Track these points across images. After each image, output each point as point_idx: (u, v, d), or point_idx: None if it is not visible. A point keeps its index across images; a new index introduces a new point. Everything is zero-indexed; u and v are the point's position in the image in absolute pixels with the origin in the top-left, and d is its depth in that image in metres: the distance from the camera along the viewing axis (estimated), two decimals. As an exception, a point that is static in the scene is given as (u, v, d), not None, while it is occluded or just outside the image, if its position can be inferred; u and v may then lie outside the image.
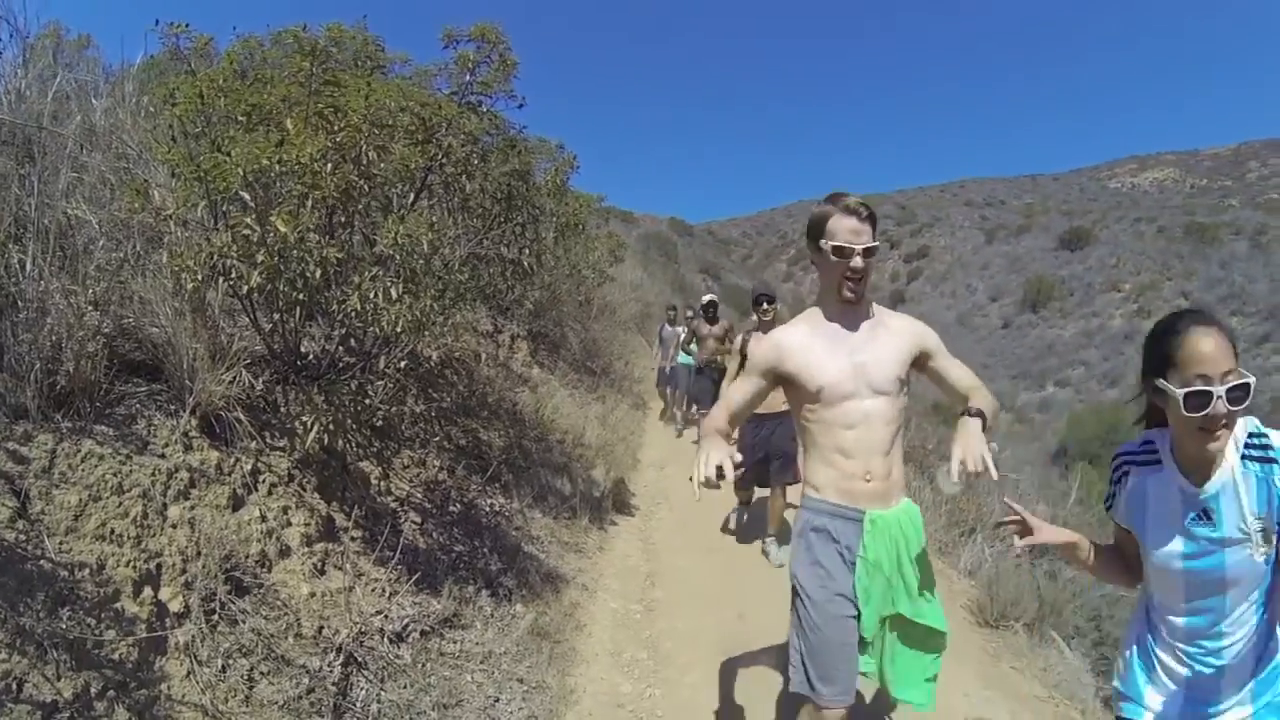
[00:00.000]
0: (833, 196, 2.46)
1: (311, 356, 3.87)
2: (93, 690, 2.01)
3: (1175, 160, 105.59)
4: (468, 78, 4.21)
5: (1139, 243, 38.25)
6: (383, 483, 4.13)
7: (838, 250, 2.39)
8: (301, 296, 3.20)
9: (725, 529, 6.37)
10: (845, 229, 2.39)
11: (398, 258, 3.34)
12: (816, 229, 2.47)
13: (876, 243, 2.45)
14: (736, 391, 2.63)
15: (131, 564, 2.35)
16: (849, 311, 2.49)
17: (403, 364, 4.04)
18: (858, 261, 2.38)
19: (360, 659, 2.98)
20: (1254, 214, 42.74)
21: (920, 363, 2.54)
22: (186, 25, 3.39)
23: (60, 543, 2.20)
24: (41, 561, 2.11)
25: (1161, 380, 1.69)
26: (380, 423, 4.05)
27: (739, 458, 2.18)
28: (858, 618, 2.47)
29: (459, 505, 4.65)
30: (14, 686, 1.85)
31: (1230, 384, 1.61)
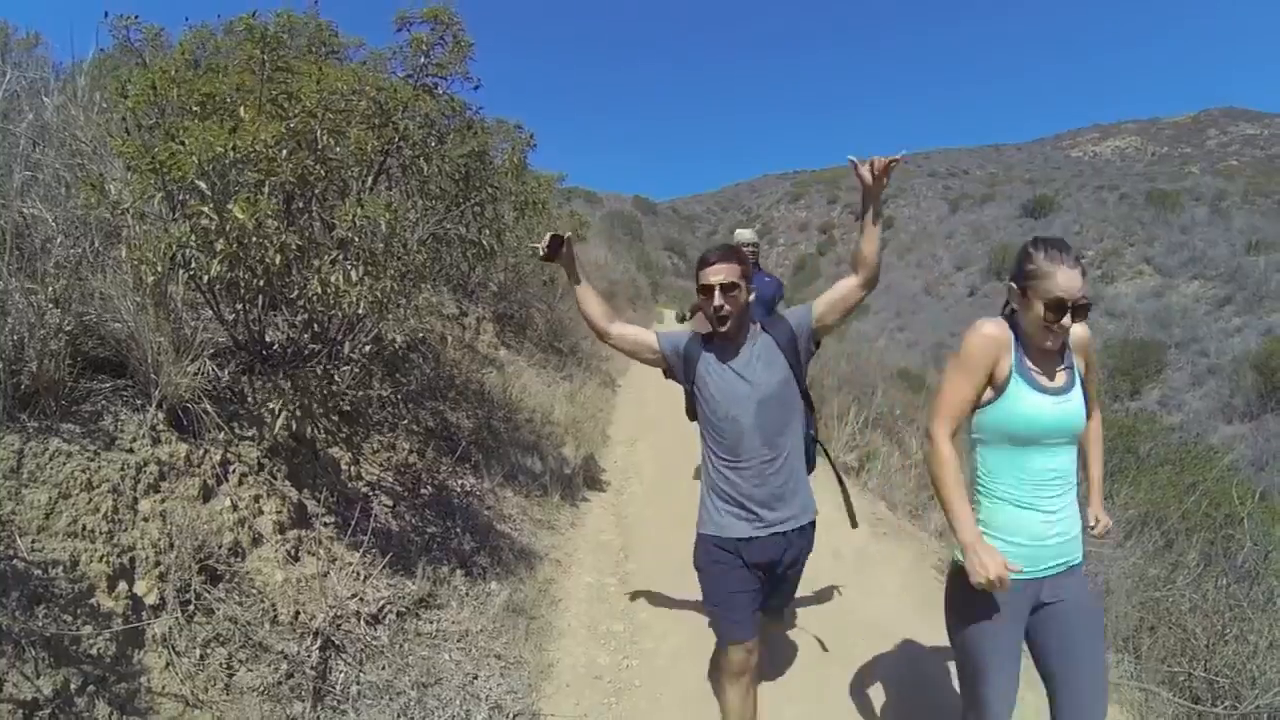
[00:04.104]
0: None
1: (276, 345, 3.87)
2: (73, 686, 2.04)
3: (1136, 129, 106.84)
4: (422, 60, 4.20)
5: (1102, 210, 38.66)
6: (353, 468, 4.15)
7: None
8: (262, 283, 3.20)
9: None
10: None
11: (357, 240, 3.34)
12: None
13: None
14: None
15: (105, 559, 2.36)
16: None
17: (367, 348, 4.05)
18: None
19: (338, 642, 3.03)
20: (1214, 180, 43.43)
21: None
22: (136, 17, 3.36)
23: (32, 541, 2.22)
24: (14, 561, 2.12)
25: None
26: (348, 408, 4.07)
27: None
28: None
29: (430, 487, 4.69)
30: (-7, 684, 1.88)
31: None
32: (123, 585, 2.39)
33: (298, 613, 2.96)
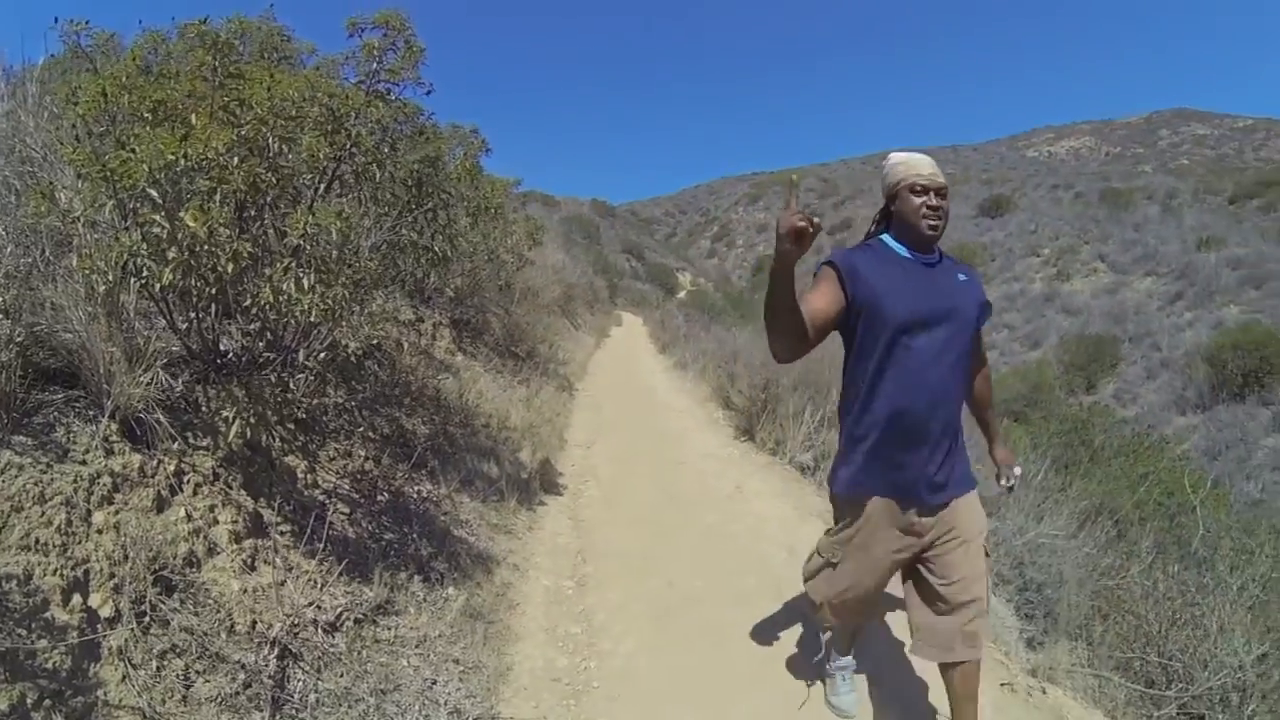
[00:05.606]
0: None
1: (231, 354, 3.86)
2: (29, 701, 2.03)
3: (1090, 129, 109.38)
4: (374, 66, 4.20)
5: (1057, 209, 39.55)
6: (309, 476, 4.14)
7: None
8: (215, 291, 3.19)
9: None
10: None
11: (309, 248, 3.35)
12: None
13: None
14: None
15: (59, 572, 2.36)
16: None
17: (322, 355, 4.05)
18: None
19: (295, 651, 3.03)
20: (1166, 179, 44.73)
21: None
22: (86, 22, 3.33)
23: (-16, 556, 2.21)
24: (-34, 576, 2.12)
25: None
26: (303, 415, 4.06)
27: None
28: None
29: (386, 494, 4.69)
30: (-54, 700, 1.88)
31: None
32: (77, 598, 2.39)
33: (255, 622, 2.96)
